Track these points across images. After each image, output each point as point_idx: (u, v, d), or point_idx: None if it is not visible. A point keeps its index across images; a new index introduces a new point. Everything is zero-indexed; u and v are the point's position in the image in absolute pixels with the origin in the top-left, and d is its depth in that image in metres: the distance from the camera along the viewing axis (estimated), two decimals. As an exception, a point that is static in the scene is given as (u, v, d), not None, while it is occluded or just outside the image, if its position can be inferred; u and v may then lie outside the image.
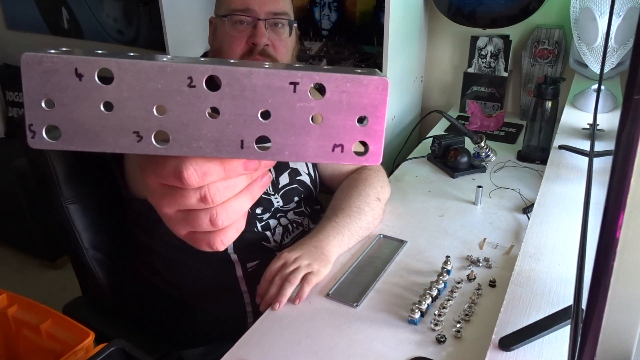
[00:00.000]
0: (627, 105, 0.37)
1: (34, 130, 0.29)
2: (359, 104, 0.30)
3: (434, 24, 1.84)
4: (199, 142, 0.30)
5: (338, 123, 0.30)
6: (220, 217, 0.33)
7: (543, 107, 1.36)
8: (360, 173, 1.20)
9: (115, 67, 0.28)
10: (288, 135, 0.30)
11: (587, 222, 0.52)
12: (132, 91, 0.28)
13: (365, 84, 0.29)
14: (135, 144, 0.29)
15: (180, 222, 0.35)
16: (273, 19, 1.05)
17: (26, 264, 2.45)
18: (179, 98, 0.29)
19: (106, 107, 0.29)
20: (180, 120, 0.29)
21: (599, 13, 1.29)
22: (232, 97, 0.29)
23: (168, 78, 0.28)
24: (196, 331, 1.11)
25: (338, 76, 0.29)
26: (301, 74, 0.29)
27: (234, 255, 1.08)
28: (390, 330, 0.87)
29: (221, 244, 0.35)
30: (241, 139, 0.30)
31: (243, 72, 0.29)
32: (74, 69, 0.28)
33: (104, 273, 1.20)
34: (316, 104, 0.29)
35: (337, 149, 0.30)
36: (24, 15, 2.98)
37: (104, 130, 0.29)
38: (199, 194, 0.32)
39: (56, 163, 1.10)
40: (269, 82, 0.29)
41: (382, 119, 0.30)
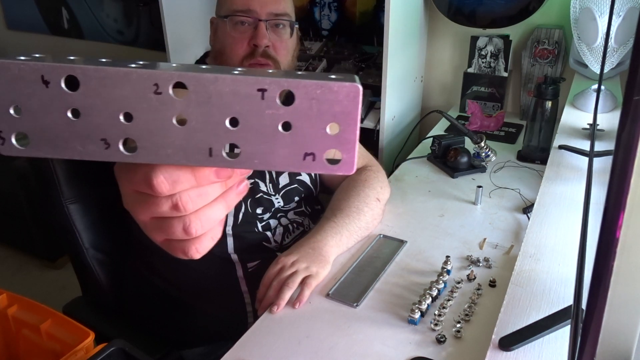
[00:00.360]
0: (627, 105, 0.37)
1: (3, 137, 0.29)
2: (329, 112, 0.29)
3: (434, 24, 1.84)
4: (166, 149, 0.29)
5: (308, 131, 0.29)
6: (194, 225, 0.33)
7: (543, 107, 1.36)
8: (360, 174, 1.20)
9: (81, 73, 0.28)
10: (257, 143, 0.29)
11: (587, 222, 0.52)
12: (98, 98, 0.28)
13: (336, 91, 0.28)
14: (103, 151, 0.29)
15: (155, 229, 0.34)
16: (274, 20, 1.05)
17: (26, 264, 2.45)
18: (145, 105, 0.28)
19: (73, 114, 0.29)
20: (147, 128, 0.29)
21: (599, 13, 1.29)
22: (198, 104, 0.28)
23: (134, 85, 0.28)
24: (196, 331, 1.11)
25: (307, 82, 0.28)
26: (269, 81, 0.28)
27: (234, 255, 1.08)
28: (390, 330, 0.87)
29: (196, 252, 0.35)
30: (209, 147, 0.29)
31: (209, 78, 0.28)
32: (41, 75, 0.28)
33: (104, 273, 1.20)
34: (285, 111, 0.29)
35: (308, 158, 0.30)
36: (24, 15, 2.98)
37: (71, 137, 0.29)
38: (170, 202, 0.32)
39: (56, 163, 1.10)
40: (236, 89, 0.28)
41: (354, 127, 0.29)
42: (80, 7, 2.73)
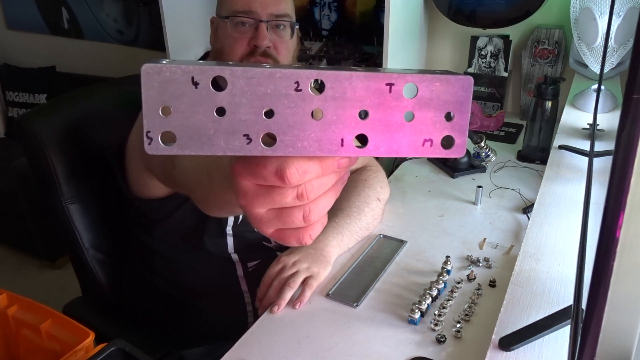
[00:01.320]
0: (627, 105, 0.37)
1: (151, 137, 0.31)
2: (446, 102, 0.32)
3: (434, 24, 1.84)
4: (303, 142, 0.32)
5: (428, 119, 0.32)
6: (313, 213, 0.35)
7: (543, 107, 1.36)
8: (360, 174, 1.20)
9: (229, 74, 0.30)
10: (384, 132, 0.32)
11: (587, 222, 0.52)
12: (244, 96, 0.30)
13: (453, 83, 0.32)
14: (244, 146, 0.31)
15: (271, 221, 0.36)
16: (275, 20, 1.05)
17: (26, 264, 2.45)
18: (286, 101, 0.31)
19: (219, 113, 0.31)
20: (286, 122, 0.31)
21: (599, 13, 1.29)
22: (334, 98, 0.31)
23: (277, 83, 0.30)
24: (196, 331, 1.11)
25: (429, 77, 0.32)
26: (396, 76, 0.31)
27: (234, 254, 1.08)
28: (390, 330, 0.87)
29: (309, 238, 0.37)
30: (342, 138, 0.32)
31: (345, 75, 0.31)
32: (191, 77, 0.30)
33: (104, 273, 1.20)
34: (409, 102, 0.32)
35: (426, 144, 0.33)
36: (24, 15, 2.98)
37: (216, 134, 0.31)
38: (296, 192, 0.34)
39: (56, 163, 1.10)
40: (368, 84, 0.31)
41: (466, 114, 0.32)
42: (80, 7, 2.74)
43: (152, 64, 0.30)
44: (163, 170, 0.86)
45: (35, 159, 1.12)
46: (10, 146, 2.74)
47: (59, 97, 1.27)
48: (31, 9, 2.92)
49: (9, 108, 2.91)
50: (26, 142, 1.12)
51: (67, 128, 1.14)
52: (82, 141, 1.15)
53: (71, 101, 1.22)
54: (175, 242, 1.09)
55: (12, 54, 3.09)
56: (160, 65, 0.30)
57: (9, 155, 2.38)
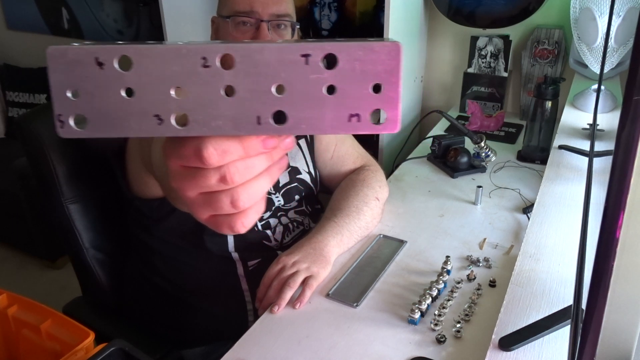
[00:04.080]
0: (627, 105, 0.37)
1: (62, 120, 0.30)
2: (372, 72, 0.30)
3: (434, 24, 1.84)
4: (217, 121, 0.30)
5: (353, 92, 0.30)
6: (241, 198, 0.34)
7: (543, 107, 1.36)
8: (359, 173, 1.20)
9: (134, 53, 0.29)
10: (304, 108, 0.30)
11: (587, 222, 0.52)
12: (151, 76, 0.29)
13: (377, 51, 0.29)
14: (156, 127, 0.30)
15: (202, 206, 0.35)
16: (276, 20, 1.06)
17: (26, 264, 2.45)
18: (195, 79, 0.29)
19: (127, 93, 0.30)
20: (198, 101, 0.30)
21: (599, 13, 1.29)
22: (246, 74, 0.29)
23: (184, 60, 0.29)
24: (197, 330, 1.11)
25: (350, 44, 0.29)
26: (312, 46, 0.29)
27: (234, 253, 1.08)
28: (390, 330, 0.87)
29: (242, 226, 0.35)
30: (258, 115, 0.30)
31: (255, 48, 0.29)
32: (95, 58, 0.29)
33: (104, 273, 1.20)
34: (329, 75, 0.30)
35: (353, 119, 0.30)
36: (24, 15, 2.98)
37: (127, 116, 0.30)
38: (219, 173, 0.33)
39: (56, 163, 1.10)
40: (281, 57, 0.29)
41: (396, 85, 0.30)
42: (80, 7, 2.73)
43: (57, 47, 0.29)
44: (151, 167, 0.86)
45: (35, 159, 1.12)
46: (10, 146, 2.74)
47: (59, 97, 1.26)
48: (31, 9, 2.92)
49: (9, 108, 2.91)
50: (26, 142, 1.12)
51: (67, 128, 1.13)
52: (82, 141, 1.15)
53: (71, 101, 1.22)
54: (175, 241, 1.09)
55: (12, 54, 3.09)
56: (65, 47, 0.29)
57: (9, 155, 2.38)
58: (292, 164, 1.18)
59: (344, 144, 1.25)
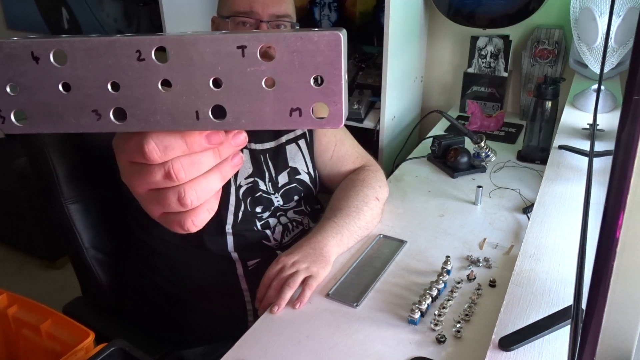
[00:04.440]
0: (627, 105, 0.37)
1: (3, 115, 0.30)
2: (312, 63, 0.28)
3: (434, 24, 1.84)
4: (155, 116, 0.29)
5: (292, 85, 0.29)
6: (189, 195, 0.33)
7: (543, 107, 1.36)
8: (359, 173, 1.20)
9: (67, 46, 0.28)
10: (242, 102, 0.29)
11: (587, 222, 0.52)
12: (86, 69, 0.29)
13: (316, 41, 0.28)
14: (95, 122, 0.30)
15: (151, 202, 0.34)
16: (276, 21, 1.06)
17: (26, 264, 2.45)
18: (131, 73, 0.29)
19: (64, 88, 0.29)
20: (134, 95, 0.29)
21: (599, 13, 1.29)
22: (181, 66, 0.29)
23: (117, 53, 0.28)
24: (197, 330, 1.11)
25: (287, 35, 0.28)
26: (248, 37, 0.28)
27: (234, 253, 1.08)
28: (390, 330, 0.87)
29: (192, 224, 0.34)
30: (196, 110, 0.29)
31: (189, 40, 0.28)
32: (30, 52, 0.28)
33: (104, 273, 1.20)
34: (267, 67, 0.28)
35: (294, 113, 0.29)
36: (24, 15, 2.98)
37: (65, 111, 0.30)
38: (163, 170, 0.32)
39: (56, 163, 1.10)
40: (216, 48, 0.28)
41: (339, 77, 0.28)
42: (80, 7, 2.74)
43: None
44: None
45: (35, 159, 1.12)
46: (10, 146, 2.74)
47: (59, 97, 1.27)
48: (31, 9, 2.92)
49: (9, 108, 2.91)
50: (26, 142, 1.12)
51: (67, 128, 1.14)
52: (82, 141, 1.15)
53: (71, 101, 1.22)
54: (175, 241, 1.09)
55: (12, 54, 3.09)
56: (1, 41, 0.29)
57: (9, 155, 2.38)
58: (292, 165, 1.18)
59: (343, 144, 1.25)
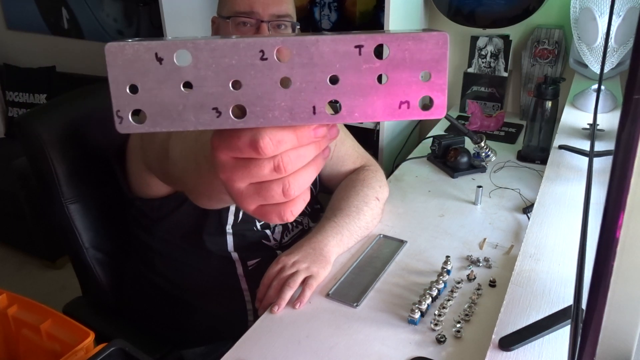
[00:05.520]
0: (627, 105, 0.37)
1: (121, 115, 0.31)
2: (421, 60, 0.31)
3: (434, 24, 1.84)
4: (274, 112, 0.31)
5: (402, 81, 0.31)
6: (292, 186, 0.34)
7: (543, 107, 1.36)
8: (359, 173, 1.20)
9: (192, 47, 0.30)
10: (356, 97, 0.31)
11: (587, 222, 0.52)
12: (209, 69, 0.30)
13: (426, 40, 0.31)
14: (214, 119, 0.31)
15: (251, 196, 0.35)
16: (276, 21, 1.06)
17: (26, 264, 2.45)
18: (253, 72, 0.30)
19: (186, 87, 0.30)
20: (255, 93, 0.31)
21: (599, 13, 1.29)
22: (302, 65, 0.30)
23: (241, 53, 0.30)
24: (197, 330, 1.11)
25: (400, 35, 0.30)
26: (365, 37, 0.30)
27: (234, 253, 1.08)
28: (390, 330, 0.87)
29: (291, 214, 0.36)
30: (313, 105, 0.31)
31: (310, 40, 0.30)
32: (155, 53, 0.30)
33: (105, 273, 1.20)
34: (381, 65, 0.31)
35: (403, 106, 0.32)
36: (24, 15, 2.98)
37: (185, 109, 0.31)
38: (272, 163, 0.33)
39: (56, 163, 1.10)
40: (335, 48, 0.30)
41: (443, 72, 0.31)
42: (80, 7, 2.74)
43: (116, 43, 0.29)
44: (159, 164, 0.86)
45: (35, 159, 1.12)
46: (10, 146, 2.74)
47: (59, 97, 1.27)
48: (31, 9, 2.92)
49: (9, 108, 2.91)
50: (26, 142, 1.12)
51: (67, 128, 1.14)
52: (82, 141, 1.15)
53: (71, 101, 1.22)
54: (175, 241, 1.09)
55: (12, 54, 3.09)
56: (124, 43, 0.29)
57: (9, 155, 2.38)
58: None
59: (343, 144, 1.25)
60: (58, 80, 2.81)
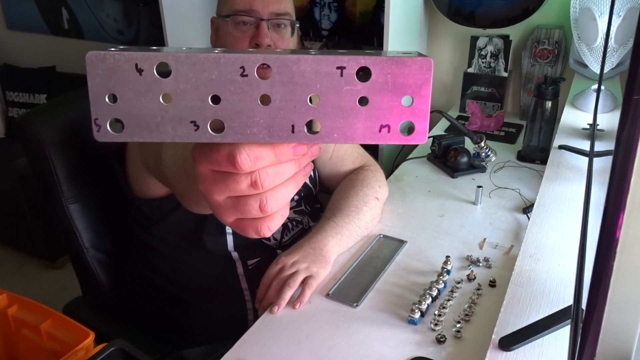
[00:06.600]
0: (627, 105, 0.37)
1: (99, 124, 0.31)
2: (403, 85, 0.31)
3: (434, 24, 1.84)
4: (252, 128, 0.31)
5: (384, 104, 0.31)
6: (270, 202, 0.34)
7: (543, 107, 1.36)
8: (358, 173, 1.20)
9: (173, 60, 0.30)
10: (336, 118, 0.31)
11: (587, 222, 0.52)
12: (189, 83, 0.30)
13: (410, 65, 0.30)
14: (192, 133, 0.31)
15: (229, 209, 0.35)
16: (276, 19, 1.06)
17: (26, 264, 2.45)
18: (232, 87, 0.30)
19: (165, 100, 0.30)
20: (234, 109, 0.31)
21: (599, 13, 1.29)
22: (282, 83, 0.30)
23: (222, 69, 0.30)
24: (197, 329, 1.11)
25: (383, 59, 0.30)
26: (347, 59, 0.30)
27: (234, 253, 1.08)
28: (390, 330, 0.87)
29: (267, 230, 0.36)
30: (292, 124, 0.31)
31: (292, 59, 0.30)
32: (135, 64, 0.30)
33: (105, 273, 1.20)
34: (363, 87, 0.31)
35: (383, 130, 0.31)
36: (24, 15, 2.98)
37: (163, 122, 0.31)
38: (249, 179, 0.33)
39: (56, 163, 1.10)
40: (317, 68, 0.30)
41: (426, 98, 0.31)
42: (80, 7, 2.73)
43: (97, 52, 0.30)
44: (156, 165, 0.87)
45: (35, 159, 1.12)
46: (10, 146, 2.74)
47: (59, 97, 1.27)
48: (31, 9, 2.92)
49: (9, 108, 2.91)
50: (26, 142, 1.12)
51: (67, 128, 1.14)
52: (82, 141, 1.15)
53: (71, 101, 1.22)
54: (175, 241, 1.09)
55: (12, 54, 3.09)
56: (104, 52, 0.29)
57: (9, 155, 2.38)
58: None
59: (343, 144, 1.25)
60: (58, 80, 2.81)
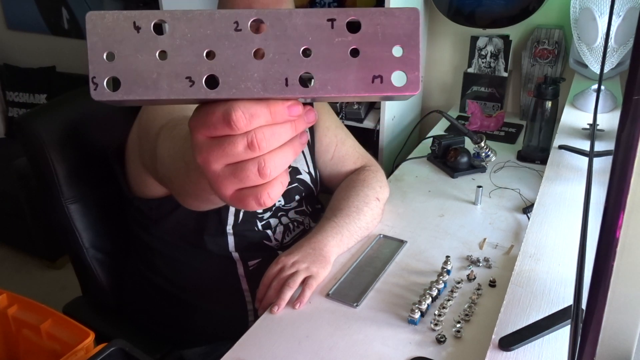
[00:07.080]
0: (627, 105, 0.37)
1: (96, 82, 0.31)
2: (393, 35, 0.31)
3: (434, 24, 1.84)
4: (246, 82, 0.31)
5: (375, 55, 0.32)
6: (268, 165, 0.34)
7: (543, 107, 1.36)
8: (359, 174, 1.20)
9: (169, 17, 0.31)
10: (329, 70, 0.32)
11: (587, 222, 0.52)
12: (184, 39, 0.31)
13: (397, 15, 0.31)
14: (187, 88, 0.31)
15: (227, 178, 0.35)
16: None
17: (26, 264, 2.45)
18: (227, 42, 0.31)
19: (161, 56, 0.31)
20: (228, 63, 0.31)
21: (599, 13, 1.29)
22: (275, 37, 0.31)
23: (216, 24, 0.31)
24: (197, 330, 1.11)
25: (372, 10, 0.31)
26: (337, 11, 0.31)
27: (235, 253, 1.08)
28: (390, 330, 0.87)
29: (268, 197, 0.36)
30: (285, 77, 0.31)
31: (284, 12, 0.31)
32: (133, 22, 0.30)
33: (105, 273, 1.20)
34: (353, 38, 0.31)
35: (376, 80, 0.32)
36: (24, 15, 2.97)
37: (159, 78, 0.31)
38: (246, 139, 0.33)
39: (56, 163, 1.10)
40: (308, 20, 0.31)
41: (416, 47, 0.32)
42: (80, 7, 2.73)
43: (96, 12, 0.30)
44: (151, 162, 0.86)
45: (35, 159, 1.12)
46: (10, 146, 2.74)
47: (59, 97, 1.27)
48: (31, 9, 2.92)
49: (9, 108, 2.91)
50: (26, 142, 1.12)
51: (67, 128, 1.14)
52: (82, 141, 1.15)
53: (71, 101, 1.23)
54: (175, 241, 1.09)
55: (12, 54, 3.09)
56: (104, 12, 0.30)
57: (9, 155, 2.38)
58: (293, 164, 1.18)
59: (344, 144, 1.25)
60: (58, 80, 2.81)
